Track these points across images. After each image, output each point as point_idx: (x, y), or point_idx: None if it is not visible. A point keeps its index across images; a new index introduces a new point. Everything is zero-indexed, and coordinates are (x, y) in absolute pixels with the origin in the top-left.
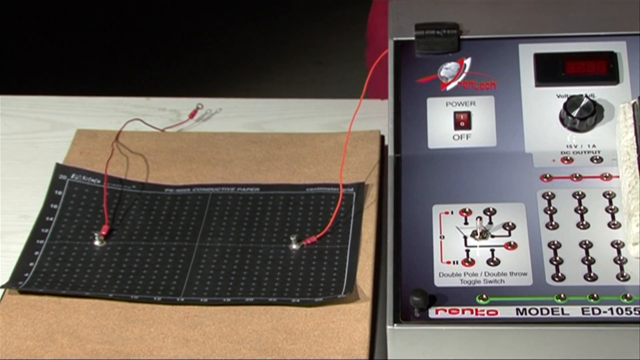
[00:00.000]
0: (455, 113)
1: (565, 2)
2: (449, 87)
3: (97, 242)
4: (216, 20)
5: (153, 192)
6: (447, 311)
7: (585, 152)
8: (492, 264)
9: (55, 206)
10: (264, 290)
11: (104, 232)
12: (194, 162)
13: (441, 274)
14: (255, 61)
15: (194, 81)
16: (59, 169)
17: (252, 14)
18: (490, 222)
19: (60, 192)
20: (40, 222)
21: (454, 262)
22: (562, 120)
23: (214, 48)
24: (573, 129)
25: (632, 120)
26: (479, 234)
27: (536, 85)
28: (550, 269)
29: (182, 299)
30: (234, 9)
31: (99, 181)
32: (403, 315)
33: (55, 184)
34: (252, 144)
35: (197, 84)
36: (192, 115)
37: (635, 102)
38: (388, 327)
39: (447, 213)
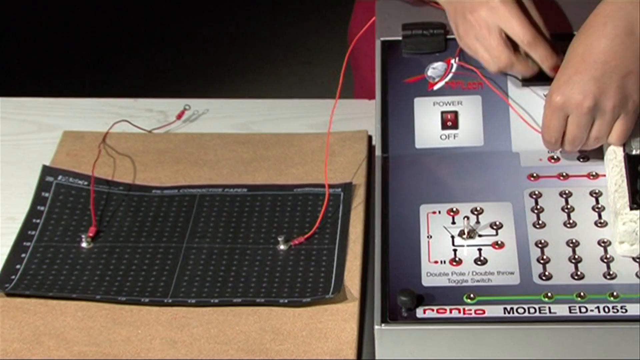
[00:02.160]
0: (442, 113)
1: (550, 2)
2: (436, 87)
3: (84, 244)
4: (203, 21)
5: (140, 193)
6: (435, 311)
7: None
8: (479, 263)
9: (42, 208)
10: (252, 291)
11: (91, 234)
12: (181, 163)
13: (429, 274)
14: (242, 62)
15: (181, 82)
16: (46, 170)
17: (239, 14)
18: (478, 222)
19: (47, 194)
20: (27, 224)
21: (441, 262)
22: None
23: (201, 49)
24: None
25: None
26: (466, 233)
27: (523, 85)
28: (537, 268)
29: (170, 300)
30: (221, 9)
31: (85, 183)
32: (391, 315)
33: (42, 185)
34: (239, 145)
35: (184, 85)
36: (179, 116)
37: None
38: (376, 327)
39: (434, 213)
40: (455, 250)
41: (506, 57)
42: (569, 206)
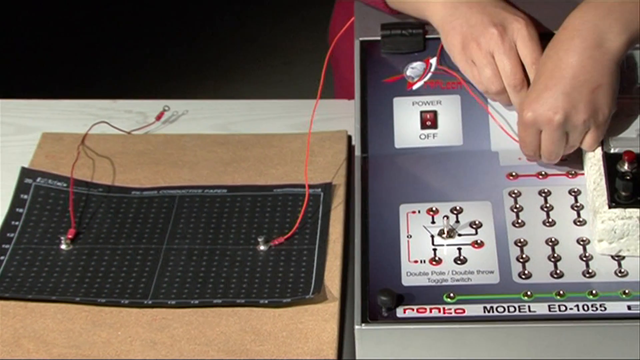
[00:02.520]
0: (421, 112)
1: (529, 1)
2: (415, 87)
3: (63, 246)
4: (182, 22)
5: (119, 194)
6: (415, 310)
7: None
8: (459, 262)
9: (21, 210)
10: (232, 292)
11: (70, 236)
12: (160, 164)
13: (408, 273)
14: (222, 62)
15: (160, 83)
16: (25, 172)
17: (218, 14)
18: (457, 221)
19: (25, 196)
20: (6, 227)
21: (421, 261)
22: None
23: (180, 50)
24: None
25: None
26: (445, 232)
27: None
28: (516, 267)
29: (150, 302)
30: (200, 10)
31: (64, 184)
32: (371, 315)
33: (21, 187)
34: (219, 146)
35: (163, 86)
36: (158, 117)
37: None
38: (356, 327)
39: (414, 212)
40: (435, 250)
41: (498, 87)
42: (548, 205)
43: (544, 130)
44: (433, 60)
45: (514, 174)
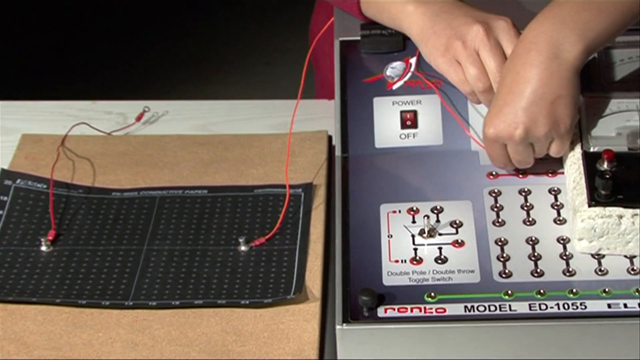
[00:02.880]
0: (401, 112)
1: (509, 1)
2: (395, 87)
3: (43, 248)
4: (162, 22)
5: (100, 196)
6: (396, 310)
7: None
8: (440, 262)
9: (0, 212)
10: (213, 293)
11: (50, 237)
12: (141, 165)
13: (389, 273)
14: (202, 63)
15: (140, 84)
16: (4, 174)
17: (198, 15)
18: (438, 220)
19: (5, 198)
20: None
21: (402, 261)
22: None
23: (160, 50)
24: None
25: None
26: (426, 232)
27: None
28: (497, 266)
29: (131, 303)
30: (180, 10)
31: (44, 186)
32: (352, 315)
33: (1, 189)
34: (199, 146)
35: (143, 87)
36: (138, 118)
37: (579, 98)
38: (337, 326)
39: (394, 212)
40: (415, 250)
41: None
42: (528, 204)
43: (508, 145)
44: (413, 60)
45: (494, 173)
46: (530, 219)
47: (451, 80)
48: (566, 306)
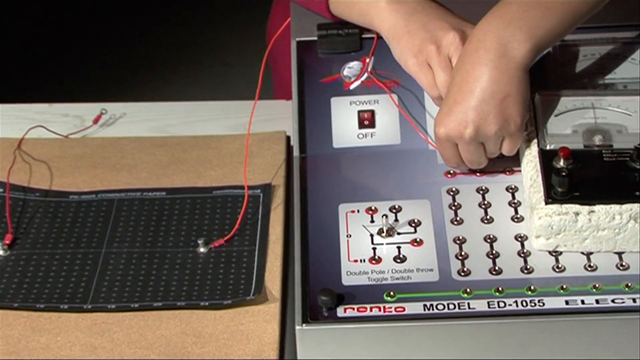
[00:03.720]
0: (359, 112)
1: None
2: (352, 86)
3: (0, 252)
4: (119, 23)
5: (57, 199)
6: (356, 309)
7: None
8: (398, 261)
9: None
10: (172, 295)
11: (7, 241)
12: (98, 167)
13: (349, 273)
14: (159, 64)
15: (97, 86)
16: None
17: (155, 15)
18: (396, 220)
19: None
20: None
21: (361, 261)
22: None
23: (117, 52)
24: None
25: (532, 114)
26: (385, 231)
27: None
28: (456, 264)
29: (89, 306)
30: (137, 11)
31: (1, 190)
32: (312, 315)
33: None
34: (157, 148)
35: (100, 89)
36: (95, 121)
37: (534, 97)
38: (297, 327)
39: (353, 212)
40: (374, 249)
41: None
42: (485, 202)
43: (459, 144)
44: (370, 60)
45: (451, 172)
46: (488, 217)
47: (419, 83)
48: (524, 303)
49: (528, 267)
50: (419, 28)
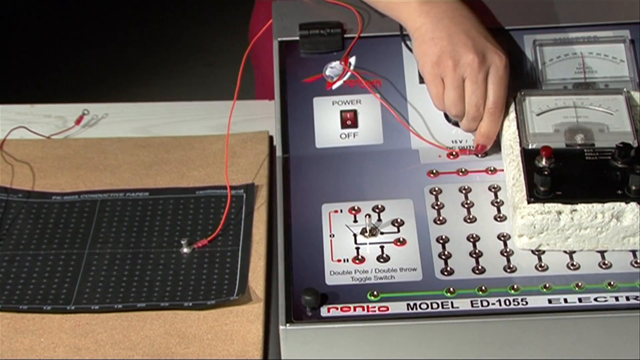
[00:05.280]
0: (341, 112)
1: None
2: (334, 86)
3: None
4: (101, 24)
5: (40, 200)
6: (339, 309)
7: (470, 147)
8: (382, 260)
9: None
10: (156, 295)
11: None
12: (81, 168)
13: (332, 272)
14: (142, 65)
15: (79, 87)
16: None
17: (138, 16)
18: (379, 219)
19: None
20: None
21: (344, 260)
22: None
23: (99, 52)
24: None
25: (514, 114)
26: (368, 231)
27: (420, 82)
28: (439, 264)
29: (73, 307)
30: (120, 11)
31: None
32: (295, 315)
33: None
34: (140, 149)
35: (82, 90)
36: (78, 122)
37: (517, 96)
38: (281, 327)
39: (336, 211)
40: (357, 249)
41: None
42: (468, 201)
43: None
44: (352, 60)
45: (434, 171)
46: (471, 217)
47: (429, 91)
48: (507, 302)
49: (511, 266)
50: (443, 37)
